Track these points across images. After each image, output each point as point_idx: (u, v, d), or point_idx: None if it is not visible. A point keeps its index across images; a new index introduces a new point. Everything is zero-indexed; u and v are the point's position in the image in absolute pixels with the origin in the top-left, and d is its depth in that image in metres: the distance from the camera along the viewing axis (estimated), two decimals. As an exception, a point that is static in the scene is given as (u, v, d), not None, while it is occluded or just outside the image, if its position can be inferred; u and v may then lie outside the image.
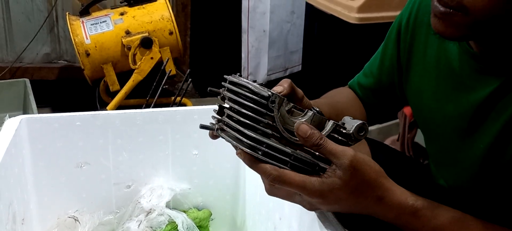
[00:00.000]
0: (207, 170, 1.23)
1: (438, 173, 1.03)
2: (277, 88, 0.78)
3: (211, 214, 1.26)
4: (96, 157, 1.15)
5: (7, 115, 1.11)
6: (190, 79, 2.25)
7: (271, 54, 2.74)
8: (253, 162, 0.70)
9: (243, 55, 2.67)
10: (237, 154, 0.72)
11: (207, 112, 1.18)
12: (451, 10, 0.71)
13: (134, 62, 2.37)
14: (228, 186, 1.26)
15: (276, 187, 0.73)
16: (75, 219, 1.16)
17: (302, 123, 0.70)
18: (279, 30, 2.72)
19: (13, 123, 1.06)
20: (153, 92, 2.21)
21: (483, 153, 0.84)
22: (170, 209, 1.19)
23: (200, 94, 2.93)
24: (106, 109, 2.33)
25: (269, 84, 0.80)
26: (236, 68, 2.68)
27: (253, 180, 1.19)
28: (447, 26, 0.74)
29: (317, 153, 0.70)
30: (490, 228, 0.76)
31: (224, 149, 1.22)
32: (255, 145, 0.69)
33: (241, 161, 0.70)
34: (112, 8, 2.47)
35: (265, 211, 1.12)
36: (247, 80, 0.70)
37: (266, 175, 0.70)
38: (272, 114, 0.69)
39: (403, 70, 1.02)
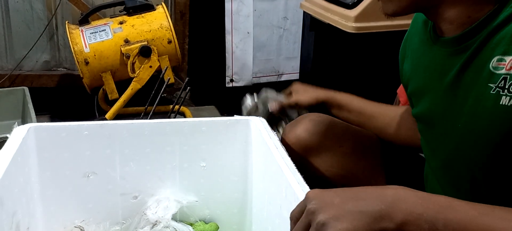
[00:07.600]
0: (215, 182, 1.22)
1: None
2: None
3: (218, 228, 1.25)
4: (103, 167, 1.15)
5: (16, 123, 1.11)
6: (188, 88, 2.24)
7: (259, 56, 2.78)
8: None
9: (227, 55, 2.70)
10: None
11: (216, 124, 1.18)
12: None
13: (133, 71, 2.36)
14: (235, 199, 1.24)
15: None
16: (81, 230, 1.16)
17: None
18: (268, 35, 2.76)
19: (21, 131, 1.06)
20: (152, 100, 2.21)
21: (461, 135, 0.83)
22: (177, 221, 1.19)
23: (195, 103, 2.91)
24: (105, 118, 2.32)
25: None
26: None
27: (260, 195, 1.18)
28: (391, 2, 0.81)
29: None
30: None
31: (232, 161, 1.22)
32: None
33: (249, 174, 0.70)
34: (111, 17, 2.46)
35: (271, 228, 1.11)
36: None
37: None
38: None
39: (408, 91, 1.02)
